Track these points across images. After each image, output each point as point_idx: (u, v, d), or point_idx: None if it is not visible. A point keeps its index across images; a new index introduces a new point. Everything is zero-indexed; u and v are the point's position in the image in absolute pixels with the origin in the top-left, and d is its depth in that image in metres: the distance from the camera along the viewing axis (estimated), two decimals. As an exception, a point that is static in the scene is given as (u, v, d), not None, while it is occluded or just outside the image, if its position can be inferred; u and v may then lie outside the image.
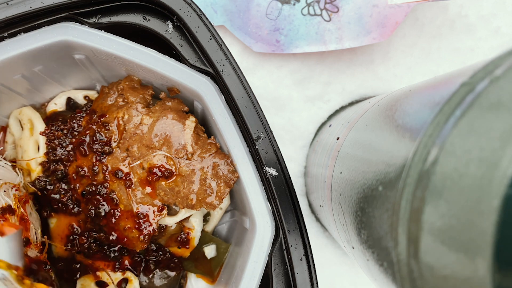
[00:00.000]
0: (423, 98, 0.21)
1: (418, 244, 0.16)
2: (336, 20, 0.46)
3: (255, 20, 0.47)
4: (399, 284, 0.18)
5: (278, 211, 0.35)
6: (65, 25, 0.34)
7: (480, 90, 0.16)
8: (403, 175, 0.18)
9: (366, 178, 0.23)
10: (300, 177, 0.50)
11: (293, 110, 0.50)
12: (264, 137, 0.35)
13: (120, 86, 0.39)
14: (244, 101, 0.34)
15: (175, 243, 0.41)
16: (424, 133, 0.17)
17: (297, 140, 0.50)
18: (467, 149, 0.15)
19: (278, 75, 0.49)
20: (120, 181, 0.36)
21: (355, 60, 0.49)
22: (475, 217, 0.15)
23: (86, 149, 0.38)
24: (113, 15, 0.35)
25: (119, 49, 0.34)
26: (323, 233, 0.50)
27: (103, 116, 0.38)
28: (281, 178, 0.35)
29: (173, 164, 0.36)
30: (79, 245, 0.39)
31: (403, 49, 0.49)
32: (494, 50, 0.49)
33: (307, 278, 0.34)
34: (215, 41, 0.34)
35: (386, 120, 0.24)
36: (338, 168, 0.31)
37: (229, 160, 0.36)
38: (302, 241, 0.35)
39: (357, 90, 0.49)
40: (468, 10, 0.48)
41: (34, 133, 0.40)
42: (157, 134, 0.37)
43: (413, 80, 0.49)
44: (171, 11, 0.34)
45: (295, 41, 0.47)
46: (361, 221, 0.24)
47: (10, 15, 0.33)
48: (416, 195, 0.17)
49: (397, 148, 0.20)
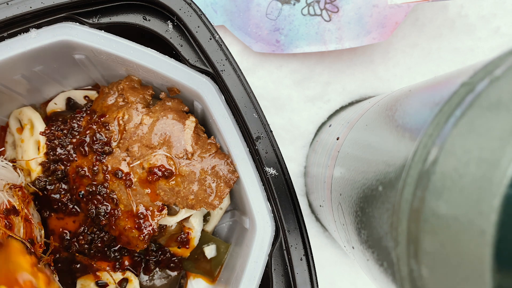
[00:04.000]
0: (423, 98, 0.21)
1: (418, 244, 0.16)
2: (336, 20, 0.46)
3: (255, 20, 0.47)
4: (399, 284, 0.18)
5: (278, 211, 0.35)
6: (65, 25, 0.34)
7: (480, 90, 0.16)
8: (403, 175, 0.18)
9: (366, 178, 0.23)
10: (300, 177, 0.50)
11: (293, 110, 0.50)
12: (264, 137, 0.35)
13: (120, 86, 0.39)
14: (244, 101, 0.34)
15: (175, 243, 0.41)
16: (424, 133, 0.17)
17: (297, 140, 0.50)
18: (467, 149, 0.15)
19: (278, 75, 0.49)
20: (120, 181, 0.36)
21: (355, 60, 0.49)
22: (475, 217, 0.15)
23: (86, 149, 0.38)
24: (113, 15, 0.35)
25: (119, 49, 0.34)
26: (323, 233, 0.50)
27: (103, 116, 0.38)
28: (281, 178, 0.35)
29: (173, 164, 0.36)
30: (79, 245, 0.39)
31: (403, 49, 0.49)
32: (494, 50, 0.49)
33: (307, 278, 0.34)
34: (215, 41, 0.34)
35: (386, 120, 0.24)
36: (338, 168, 0.31)
37: (229, 160, 0.36)
38: (302, 241, 0.35)
39: (357, 90, 0.49)
40: (468, 10, 0.48)
41: (34, 133, 0.40)
42: (157, 134, 0.37)
43: (413, 80, 0.49)
44: (171, 11, 0.34)
45: (295, 41, 0.47)
46: (361, 221, 0.24)
47: (10, 15, 0.33)
48: (416, 195, 0.17)
49: (397, 148, 0.20)
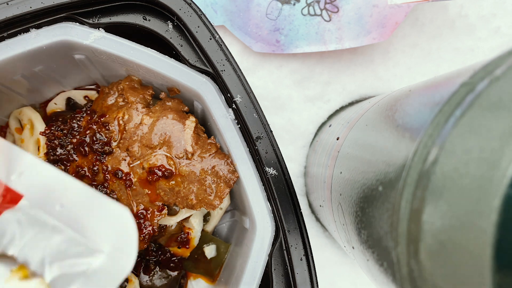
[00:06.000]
0: (423, 98, 0.21)
1: (418, 244, 0.16)
2: (336, 20, 0.46)
3: (255, 20, 0.47)
4: (399, 284, 0.18)
5: (278, 211, 0.35)
6: (65, 25, 0.34)
7: (480, 90, 0.16)
8: (403, 175, 0.18)
9: (366, 178, 0.23)
10: (300, 177, 0.50)
11: (293, 110, 0.50)
12: (264, 137, 0.35)
13: (120, 86, 0.39)
14: (244, 101, 0.34)
15: (175, 243, 0.41)
16: (424, 133, 0.17)
17: (297, 140, 0.50)
18: (467, 149, 0.15)
19: (278, 75, 0.49)
20: (120, 181, 0.36)
21: (355, 60, 0.49)
22: (475, 217, 0.15)
23: (86, 149, 0.38)
24: (113, 15, 0.35)
25: (119, 49, 0.34)
26: (323, 233, 0.50)
27: (103, 116, 0.38)
28: (281, 178, 0.35)
29: (173, 164, 0.36)
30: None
31: (403, 49, 0.49)
32: (494, 50, 0.49)
33: (307, 278, 0.34)
34: (215, 41, 0.34)
35: (386, 120, 0.24)
36: (338, 168, 0.31)
37: (229, 160, 0.36)
38: (302, 241, 0.35)
39: (357, 90, 0.49)
40: (468, 10, 0.48)
41: (34, 133, 0.40)
42: (157, 134, 0.37)
43: (413, 80, 0.49)
44: (171, 11, 0.34)
45: (295, 41, 0.47)
46: (361, 221, 0.24)
47: (10, 15, 0.33)
48: (416, 195, 0.17)
49: (397, 148, 0.20)
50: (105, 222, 0.26)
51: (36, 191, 0.27)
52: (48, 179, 0.27)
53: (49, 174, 0.27)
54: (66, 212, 0.26)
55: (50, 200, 0.27)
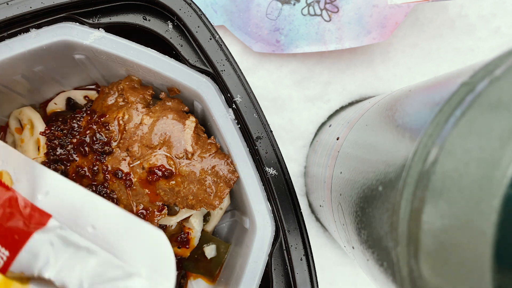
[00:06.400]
0: (423, 98, 0.21)
1: (418, 244, 0.16)
2: (336, 20, 0.46)
3: (255, 20, 0.47)
4: (399, 284, 0.18)
5: (278, 211, 0.35)
6: (65, 25, 0.34)
7: (480, 90, 0.16)
8: (403, 175, 0.18)
9: (366, 178, 0.23)
10: (300, 177, 0.50)
11: (293, 110, 0.50)
12: (264, 137, 0.35)
13: (120, 86, 0.39)
14: (244, 101, 0.34)
15: (175, 243, 0.41)
16: (424, 133, 0.17)
17: (297, 140, 0.50)
18: (467, 149, 0.15)
19: (278, 75, 0.49)
20: (120, 181, 0.36)
21: (355, 60, 0.49)
22: (475, 217, 0.15)
23: (86, 149, 0.38)
24: (113, 15, 0.35)
25: (119, 49, 0.34)
26: (323, 233, 0.50)
27: (103, 116, 0.38)
28: (281, 178, 0.35)
29: (173, 164, 0.36)
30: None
31: (403, 49, 0.49)
32: (494, 50, 0.49)
33: (307, 278, 0.34)
34: (215, 41, 0.34)
35: (386, 120, 0.24)
36: (338, 168, 0.31)
37: (229, 160, 0.36)
38: (302, 241, 0.35)
39: (357, 90, 0.49)
40: (468, 10, 0.48)
41: (34, 133, 0.40)
42: (157, 134, 0.37)
43: (413, 80, 0.49)
44: (171, 11, 0.34)
45: (295, 41, 0.47)
46: (361, 221, 0.24)
47: (10, 15, 0.33)
48: (416, 195, 0.17)
49: (397, 148, 0.20)
50: (139, 244, 0.25)
51: (65, 211, 0.25)
52: (76, 199, 0.26)
53: (76, 193, 0.26)
54: (99, 233, 0.25)
55: (80, 220, 0.25)
